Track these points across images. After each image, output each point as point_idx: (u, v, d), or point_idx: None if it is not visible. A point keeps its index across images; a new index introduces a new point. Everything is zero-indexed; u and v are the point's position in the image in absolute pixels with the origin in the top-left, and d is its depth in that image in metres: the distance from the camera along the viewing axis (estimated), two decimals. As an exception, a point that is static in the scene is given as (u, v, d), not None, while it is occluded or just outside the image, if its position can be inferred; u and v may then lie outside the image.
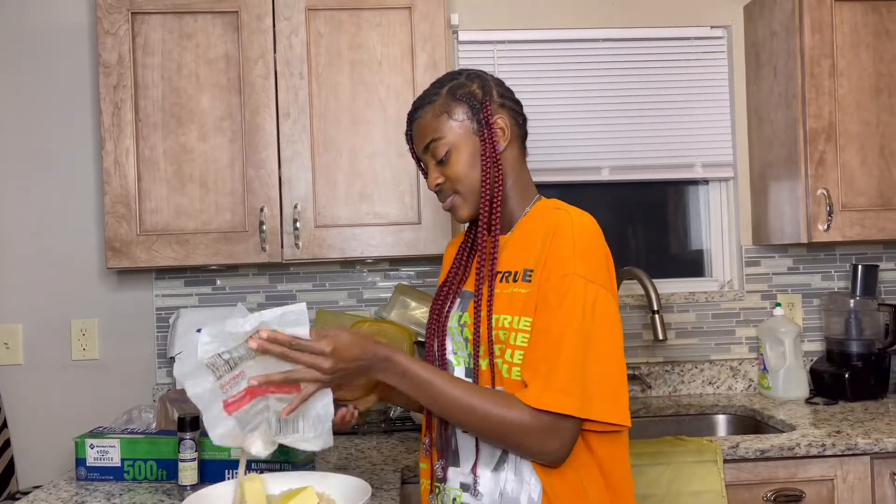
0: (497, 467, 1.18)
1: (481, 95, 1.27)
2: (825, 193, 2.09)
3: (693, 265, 2.53)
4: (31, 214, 2.29)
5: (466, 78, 1.29)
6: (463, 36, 2.38)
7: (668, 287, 2.44)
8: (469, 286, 1.29)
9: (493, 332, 1.18)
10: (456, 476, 1.22)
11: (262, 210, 2.00)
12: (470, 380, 1.21)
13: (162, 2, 1.99)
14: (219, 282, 2.32)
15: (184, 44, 2.01)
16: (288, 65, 2.02)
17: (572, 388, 1.08)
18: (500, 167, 1.25)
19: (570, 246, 1.15)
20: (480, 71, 1.32)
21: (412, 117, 1.31)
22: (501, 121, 1.27)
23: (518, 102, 1.32)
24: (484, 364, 1.19)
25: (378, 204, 2.04)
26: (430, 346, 1.30)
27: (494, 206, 1.24)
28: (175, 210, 2.00)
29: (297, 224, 2.00)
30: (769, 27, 2.26)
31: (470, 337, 1.22)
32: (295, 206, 2.01)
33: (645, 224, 2.54)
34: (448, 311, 1.30)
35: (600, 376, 1.11)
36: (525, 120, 1.32)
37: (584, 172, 2.41)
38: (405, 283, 2.34)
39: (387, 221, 2.04)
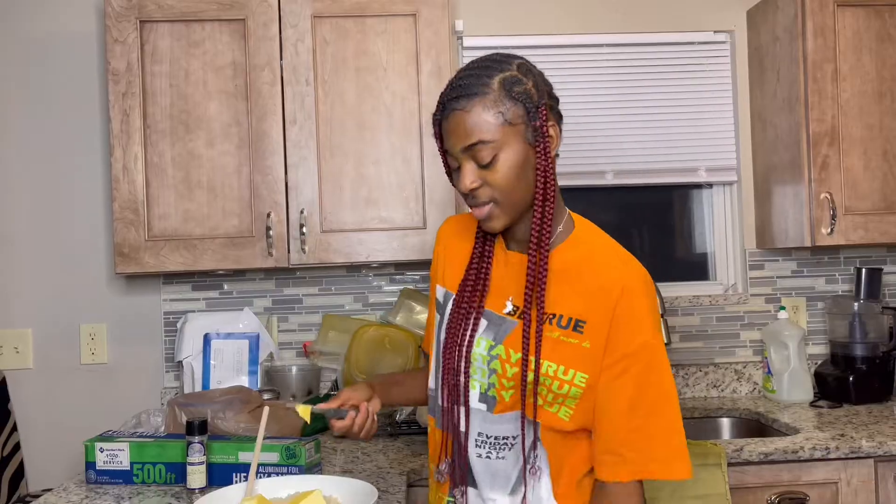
0: (513, 491, 1.15)
1: (537, 97, 1.12)
2: (829, 197, 2.10)
3: (697, 269, 2.54)
4: (40, 220, 2.32)
5: (519, 70, 1.13)
6: (468, 42, 2.40)
7: (673, 290, 2.45)
8: (493, 306, 1.18)
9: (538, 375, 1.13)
10: (475, 500, 1.19)
11: (268, 215, 2.02)
12: (484, 405, 1.16)
13: (170, 10, 2.02)
14: (226, 286, 2.34)
15: (191, 51, 2.03)
16: (294, 72, 2.04)
17: (674, 453, 1.10)
18: (554, 181, 1.14)
19: (644, 312, 1.11)
20: (528, 63, 1.16)
21: (450, 106, 1.12)
22: (553, 129, 1.14)
23: (558, 101, 1.19)
24: (507, 396, 1.14)
25: (384, 209, 2.06)
26: (448, 368, 1.18)
27: (546, 222, 1.13)
28: (183, 216, 2.02)
29: (304, 229, 2.02)
30: (772, 32, 2.28)
31: (500, 371, 1.14)
32: (301, 212, 2.03)
33: (649, 228, 2.55)
34: (471, 334, 1.18)
35: (683, 436, 1.12)
36: (562, 120, 1.20)
37: (589, 177, 2.42)
38: (411, 287, 2.35)
39: (392, 226, 2.06)
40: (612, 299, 1.10)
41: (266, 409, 1.23)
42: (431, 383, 1.26)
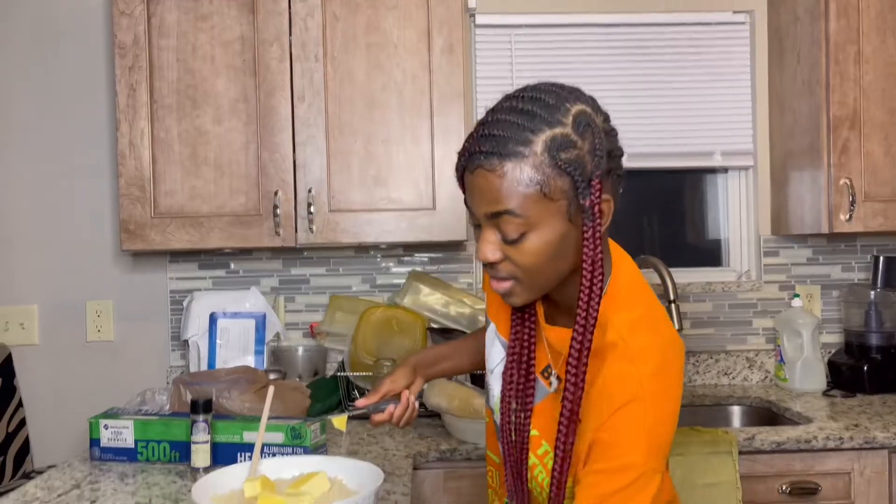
0: None
1: (591, 166, 0.90)
2: (848, 183, 2.05)
3: (711, 255, 2.50)
4: (46, 196, 2.30)
5: (575, 127, 0.90)
6: (480, 19, 2.35)
7: (685, 277, 2.41)
8: (546, 383, 1.05)
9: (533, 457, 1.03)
10: None
11: (276, 194, 1.99)
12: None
13: (177, -17, 1.98)
14: (232, 265, 2.32)
15: (199, 25, 1.99)
16: (303, 47, 2.00)
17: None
18: (601, 265, 0.93)
19: (642, 432, 0.91)
20: (590, 110, 0.93)
21: (476, 161, 0.90)
22: (607, 204, 0.93)
23: (622, 155, 0.97)
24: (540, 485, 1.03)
25: (393, 189, 2.03)
26: (505, 428, 1.05)
27: (591, 312, 0.93)
28: (189, 193, 2.00)
29: (312, 208, 1.99)
30: (793, 12, 2.22)
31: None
32: (309, 191, 2.00)
33: (662, 213, 2.51)
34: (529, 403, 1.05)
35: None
36: (622, 155, 0.98)
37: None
38: (419, 269, 2.33)
39: (401, 207, 2.03)
40: (612, 408, 0.92)
41: (271, 389, 1.20)
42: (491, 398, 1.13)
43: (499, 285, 0.96)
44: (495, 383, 1.13)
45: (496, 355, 1.13)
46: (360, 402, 1.22)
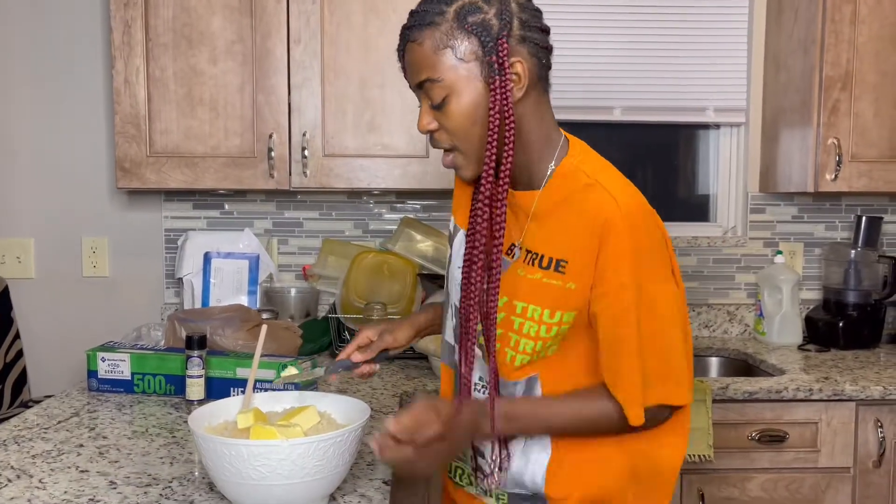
0: (507, 441, 1.12)
1: (497, 28, 1.00)
2: (836, 143, 2.08)
3: (698, 210, 2.54)
4: (42, 132, 2.30)
5: None
6: (479, -35, 2.32)
7: (672, 231, 2.41)
8: (497, 249, 1.11)
9: (509, 318, 1.07)
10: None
11: (270, 136, 2.01)
12: (481, 352, 1.13)
13: (173, -83, 1.95)
14: (227, 206, 2.34)
15: (195, -38, 1.97)
16: (300, -12, 1.99)
17: (631, 396, 1.04)
18: (512, 124, 1.02)
19: (626, 249, 1.01)
20: None
21: (406, 36, 1.03)
22: (520, 65, 1.01)
23: (545, 30, 1.05)
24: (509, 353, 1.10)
25: (386, 135, 2.04)
26: (470, 318, 1.10)
27: (503, 168, 1.03)
28: (185, 133, 2.01)
29: (306, 152, 2.01)
30: (794, -31, 2.21)
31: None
32: (304, 134, 2.01)
33: (653, 166, 2.54)
34: (482, 281, 1.11)
35: (661, 363, 1.05)
36: (550, 51, 1.06)
37: (597, 112, 2.39)
38: (411, 216, 2.36)
39: (395, 153, 2.05)
40: (595, 236, 1.02)
41: (264, 328, 1.25)
42: (448, 325, 1.21)
43: (445, 159, 1.08)
44: (454, 283, 1.18)
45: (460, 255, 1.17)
46: (357, 358, 1.24)
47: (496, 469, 1.12)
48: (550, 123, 1.10)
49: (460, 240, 1.18)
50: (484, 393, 1.14)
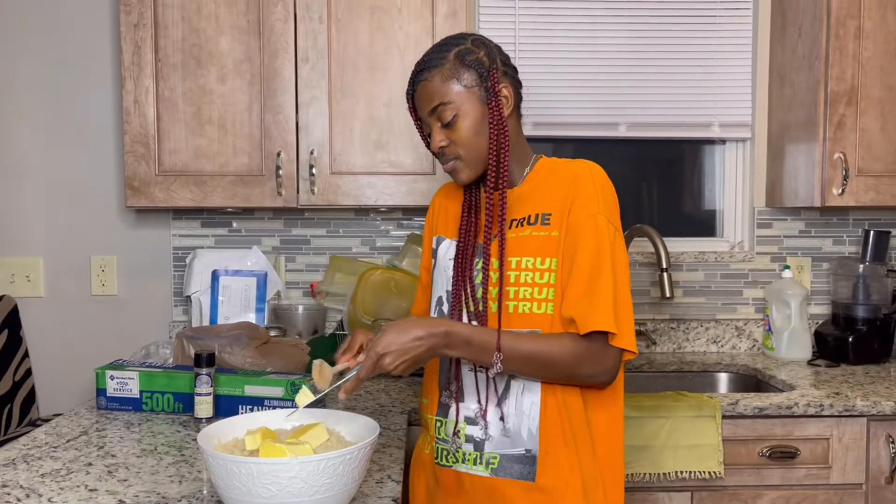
0: (500, 402, 1.29)
1: (488, 63, 1.31)
2: (842, 157, 2.08)
3: (705, 225, 2.54)
4: (52, 151, 2.32)
5: (472, 44, 1.32)
6: (484, -16, 2.35)
7: (679, 246, 2.45)
8: (480, 238, 1.35)
9: (506, 274, 1.29)
10: (462, 410, 1.32)
11: (278, 155, 2.02)
12: (475, 322, 1.31)
13: (183, -60, 1.98)
14: (235, 224, 2.35)
15: (204, -16, 2.00)
16: (308, 8, 2.01)
17: (609, 313, 1.21)
18: (507, 133, 1.30)
19: (592, 191, 1.27)
20: (483, 37, 1.36)
21: (417, 79, 1.33)
22: (506, 90, 1.32)
23: (515, 70, 1.37)
24: (493, 306, 1.29)
25: (393, 153, 2.06)
26: (457, 298, 1.34)
27: (502, 168, 1.30)
28: (193, 151, 2.02)
29: (313, 170, 2.02)
30: (797, -15, 2.22)
31: (491, 280, 1.30)
32: (311, 152, 2.03)
33: (659, 182, 2.54)
34: (471, 262, 1.35)
35: (625, 309, 1.24)
36: (521, 86, 1.38)
37: (602, 128, 2.40)
38: (417, 232, 2.36)
39: (401, 171, 2.06)
40: (571, 186, 1.28)
41: (329, 369, 1.25)
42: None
43: (448, 166, 1.34)
44: (443, 276, 1.41)
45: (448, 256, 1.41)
46: (346, 359, 1.27)
47: (484, 422, 1.30)
48: (524, 142, 1.40)
49: (446, 246, 1.42)
50: (478, 370, 1.31)
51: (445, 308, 1.39)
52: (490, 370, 1.24)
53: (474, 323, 1.31)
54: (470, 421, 1.31)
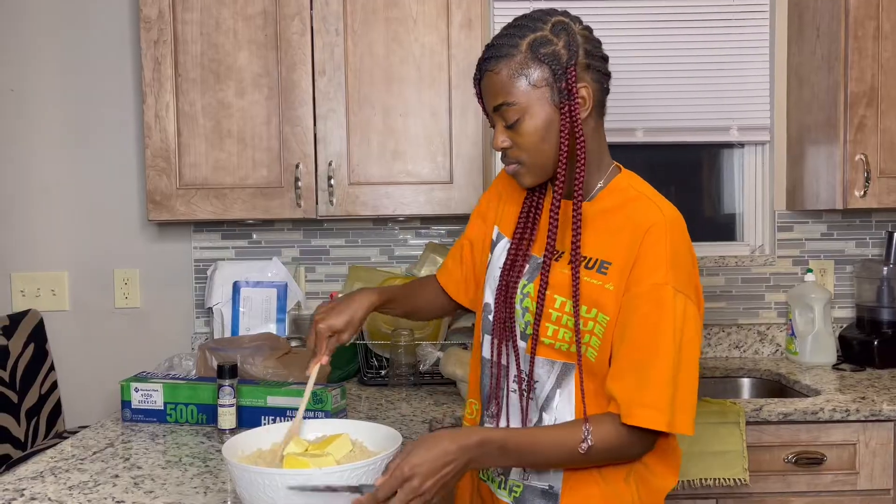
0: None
1: (566, 58, 1.11)
2: (863, 159, 2.06)
3: (725, 229, 2.52)
4: (74, 167, 2.36)
5: (552, 30, 1.12)
6: (499, -7, 2.36)
7: (699, 251, 2.42)
8: (537, 251, 1.21)
9: (546, 311, 1.15)
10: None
11: (297, 166, 2.04)
12: (524, 344, 1.19)
13: (200, -43, 2.01)
14: (255, 235, 2.38)
15: (222, -1, 2.03)
16: (324, 21, 2.03)
17: (663, 403, 1.06)
18: (583, 140, 1.13)
19: (664, 252, 1.09)
20: (567, 20, 1.15)
21: (484, 67, 1.16)
22: (585, 90, 1.13)
23: (605, 59, 1.18)
24: (547, 341, 1.17)
25: (411, 163, 2.07)
26: (499, 308, 1.22)
27: (577, 180, 1.13)
28: (213, 165, 2.05)
29: (332, 181, 2.04)
30: (814, -14, 2.21)
31: (530, 309, 1.18)
32: (330, 164, 2.04)
33: (678, 186, 2.53)
34: (517, 277, 1.22)
35: (687, 391, 1.09)
36: (609, 78, 1.19)
37: (619, 133, 2.40)
38: (435, 241, 2.37)
39: (419, 180, 2.07)
40: (638, 239, 1.10)
41: (318, 367, 1.25)
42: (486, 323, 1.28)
43: (510, 169, 1.19)
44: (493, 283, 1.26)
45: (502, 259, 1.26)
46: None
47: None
48: (604, 145, 1.22)
49: (503, 246, 1.27)
50: (523, 384, 1.19)
51: (491, 317, 1.26)
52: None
53: (522, 344, 1.19)
54: None
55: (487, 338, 1.27)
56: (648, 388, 1.06)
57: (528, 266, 1.22)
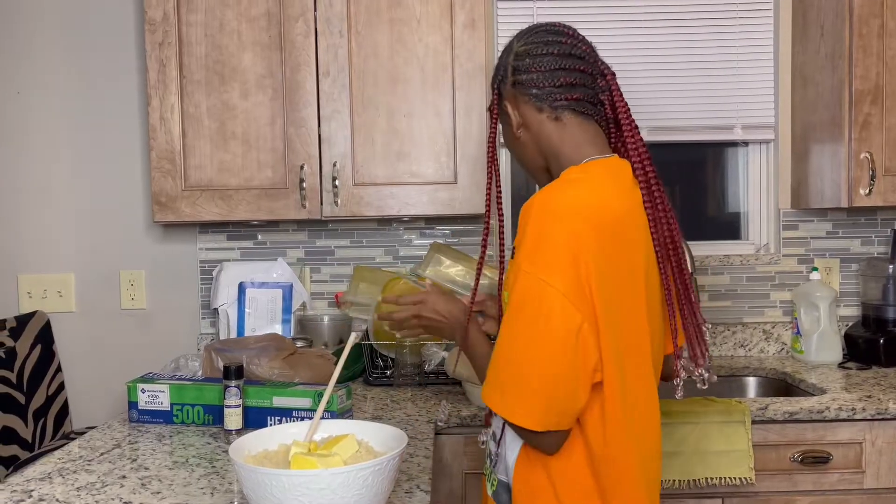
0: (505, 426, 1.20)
1: (501, 74, 1.24)
2: (868, 157, 2.06)
3: (729, 228, 2.52)
4: (81, 169, 2.37)
5: (505, 47, 1.25)
6: (502, -7, 2.36)
7: (704, 249, 2.44)
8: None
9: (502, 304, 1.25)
10: (494, 423, 1.26)
11: (302, 167, 2.04)
12: None
13: (205, -41, 2.01)
14: (260, 236, 2.38)
15: (226, 1, 2.03)
16: (328, 23, 2.03)
17: (490, 388, 1.11)
18: (493, 155, 1.28)
19: (529, 233, 1.08)
20: (514, 40, 1.24)
21: None
22: (509, 106, 1.24)
23: (543, 71, 1.18)
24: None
25: (415, 163, 2.07)
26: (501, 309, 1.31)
27: (496, 190, 1.31)
28: (218, 166, 2.05)
29: (336, 182, 2.04)
30: (818, -16, 2.20)
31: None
32: (334, 164, 2.05)
33: (682, 185, 2.53)
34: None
35: (522, 376, 1.06)
36: (559, 84, 1.18)
37: (622, 133, 2.40)
38: (440, 241, 2.37)
39: (423, 181, 2.07)
40: (521, 223, 1.13)
41: (352, 337, 1.28)
42: None
43: None
44: None
45: None
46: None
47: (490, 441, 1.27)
48: (560, 149, 1.21)
49: None
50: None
51: None
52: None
53: None
54: (493, 436, 1.25)
55: None
56: (496, 376, 1.10)
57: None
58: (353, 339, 1.26)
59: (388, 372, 2.12)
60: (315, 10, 2.03)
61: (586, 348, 1.05)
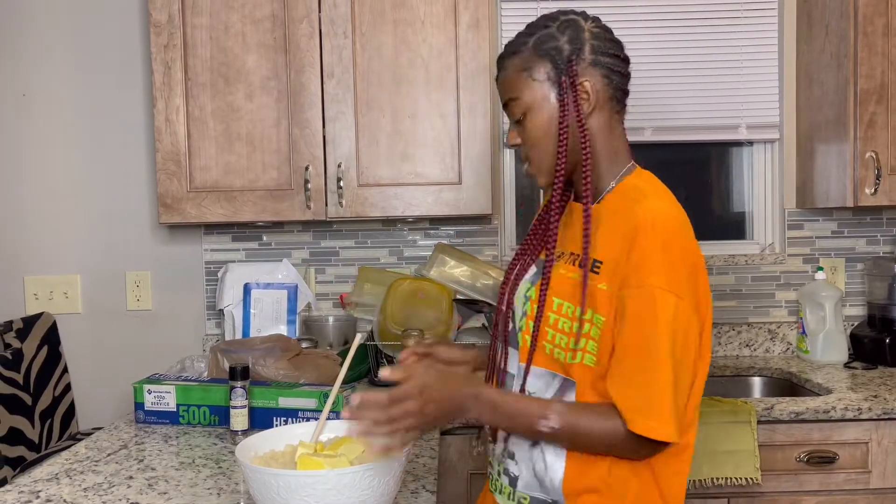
0: (533, 444, 1.16)
1: (568, 52, 1.12)
2: (874, 156, 2.05)
3: (734, 227, 2.52)
4: (87, 171, 2.38)
5: (559, 27, 1.13)
6: (506, -6, 2.36)
7: (709, 249, 2.43)
8: (546, 254, 1.20)
9: (545, 314, 1.13)
10: (500, 442, 1.22)
11: (307, 169, 2.05)
12: (515, 348, 1.19)
13: (209, -39, 2.02)
14: (265, 237, 2.39)
15: (231, 3, 2.04)
16: (332, 24, 2.04)
17: (667, 414, 1.03)
18: (586, 136, 1.13)
19: (653, 252, 1.05)
20: (579, 18, 1.15)
21: (499, 65, 1.19)
22: (588, 84, 1.12)
23: (619, 57, 1.16)
24: (528, 340, 1.16)
25: (419, 164, 2.07)
26: (499, 310, 1.24)
27: (584, 179, 1.13)
28: (223, 168, 2.06)
29: (341, 183, 2.05)
30: (823, -16, 2.20)
31: (528, 313, 1.17)
32: (339, 166, 2.05)
33: (687, 185, 2.52)
34: (519, 277, 1.22)
35: (682, 399, 1.07)
36: (625, 77, 1.17)
37: (628, 133, 2.38)
38: (445, 241, 2.38)
39: (428, 181, 2.07)
40: (629, 239, 1.07)
41: (357, 340, 1.26)
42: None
43: (526, 170, 1.20)
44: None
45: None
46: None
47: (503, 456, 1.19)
48: (619, 145, 1.20)
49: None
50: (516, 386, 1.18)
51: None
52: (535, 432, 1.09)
53: (514, 352, 1.19)
54: (509, 454, 1.19)
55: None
56: (653, 400, 1.03)
57: (534, 269, 1.22)
58: (358, 339, 1.26)
59: (394, 372, 2.12)
60: (319, 12, 2.03)
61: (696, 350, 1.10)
